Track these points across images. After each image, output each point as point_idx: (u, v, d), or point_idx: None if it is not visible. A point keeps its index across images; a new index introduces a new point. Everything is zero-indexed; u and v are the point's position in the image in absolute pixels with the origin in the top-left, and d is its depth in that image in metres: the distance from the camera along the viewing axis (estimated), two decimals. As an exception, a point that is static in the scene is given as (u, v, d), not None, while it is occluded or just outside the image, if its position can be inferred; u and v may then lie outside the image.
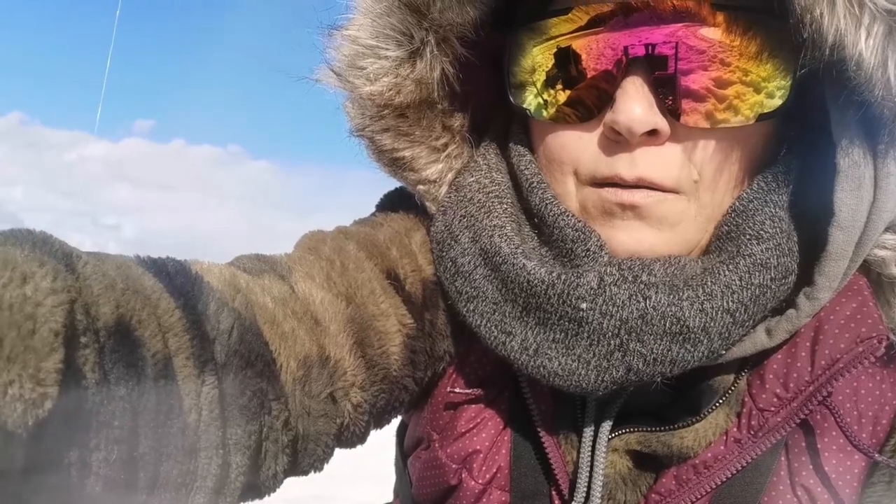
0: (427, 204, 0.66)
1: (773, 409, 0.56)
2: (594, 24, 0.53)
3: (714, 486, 0.57)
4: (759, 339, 0.56)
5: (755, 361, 0.58)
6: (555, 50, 0.56)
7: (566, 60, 0.55)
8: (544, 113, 0.58)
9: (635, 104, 0.52)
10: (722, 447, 0.58)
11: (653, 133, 0.53)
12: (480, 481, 0.64)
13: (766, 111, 0.53)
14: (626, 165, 0.54)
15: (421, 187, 0.65)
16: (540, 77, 0.57)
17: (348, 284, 0.59)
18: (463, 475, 0.65)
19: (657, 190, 0.55)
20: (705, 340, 0.53)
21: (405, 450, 0.74)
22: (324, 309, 0.56)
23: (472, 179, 0.63)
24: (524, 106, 0.60)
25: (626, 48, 0.52)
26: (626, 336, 0.53)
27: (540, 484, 0.63)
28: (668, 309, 0.52)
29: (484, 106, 0.67)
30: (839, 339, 0.55)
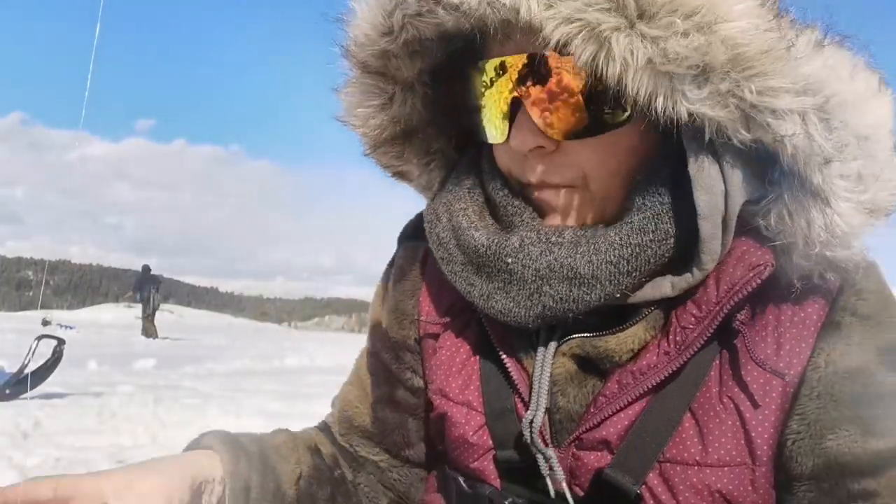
0: (426, 198, 0.89)
1: (691, 326, 0.71)
2: (496, 75, 0.73)
3: (648, 389, 0.72)
4: (665, 289, 0.72)
5: (676, 299, 0.73)
6: (477, 94, 0.76)
7: (484, 102, 0.76)
8: (485, 134, 0.78)
9: (522, 131, 0.72)
10: (654, 357, 0.72)
11: (541, 148, 0.72)
12: (458, 404, 0.84)
13: (616, 124, 0.70)
14: (529, 173, 0.75)
15: (417, 189, 0.90)
16: (478, 112, 0.77)
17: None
18: (445, 403, 0.85)
19: (557, 187, 0.74)
20: (597, 285, 0.70)
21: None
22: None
23: (453, 176, 0.85)
24: (476, 127, 0.78)
25: (513, 96, 0.72)
26: (541, 282, 0.72)
27: (507, 401, 0.80)
28: (566, 260, 0.71)
29: (467, 127, 0.85)
30: (736, 269, 0.69)
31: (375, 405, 0.94)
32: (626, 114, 0.69)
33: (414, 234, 0.94)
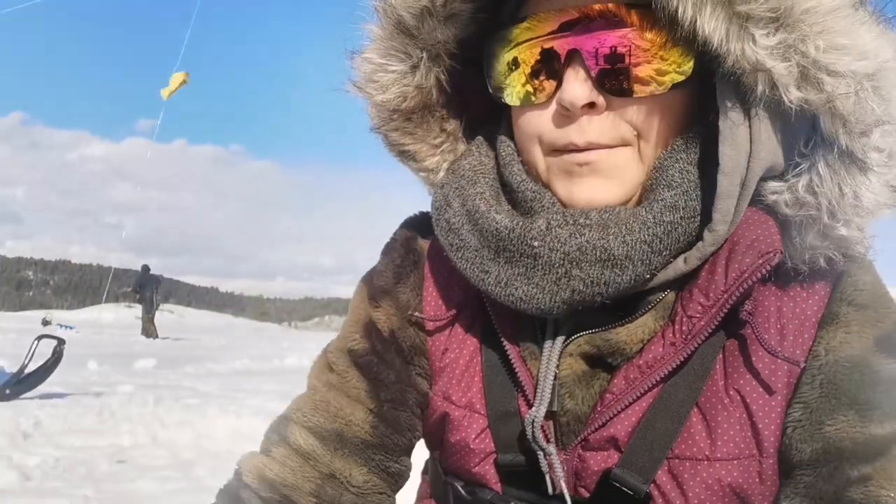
0: (426, 187, 0.86)
1: (698, 315, 0.70)
2: (554, 29, 0.70)
3: (655, 382, 0.71)
4: (678, 266, 0.71)
5: (681, 283, 0.73)
6: (521, 51, 0.73)
7: (530, 58, 0.72)
8: (515, 98, 0.75)
9: (574, 85, 0.69)
10: (661, 349, 0.72)
11: (592, 106, 0.69)
12: (461, 407, 0.82)
13: (676, 82, 0.68)
14: (576, 134, 0.70)
15: (422, 174, 0.85)
16: (511, 71, 0.74)
17: (334, 414, 0.87)
18: (447, 406, 0.83)
19: (603, 148, 0.71)
20: (629, 266, 0.68)
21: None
22: (311, 448, 0.85)
23: (465, 162, 0.81)
24: (501, 95, 0.76)
25: (567, 49, 0.69)
26: (570, 265, 0.69)
27: (510, 403, 0.78)
28: (598, 242, 0.68)
29: (479, 110, 0.85)
30: (745, 256, 0.69)
31: (382, 409, 0.86)
32: (689, 72, 0.68)
33: (412, 233, 0.92)
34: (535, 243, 0.70)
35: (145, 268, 20.65)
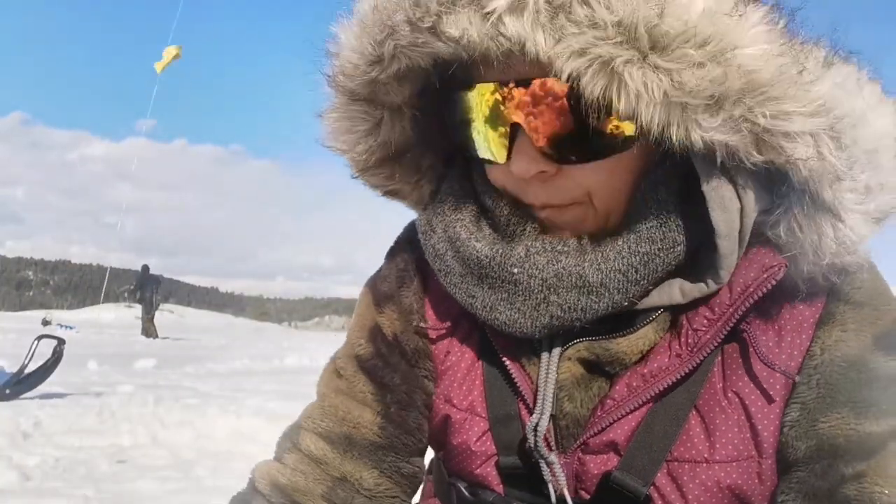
0: (418, 212, 0.88)
1: (704, 328, 0.71)
2: (494, 99, 0.70)
3: (658, 392, 0.72)
4: (674, 296, 0.72)
5: (687, 305, 0.73)
6: (472, 116, 0.72)
7: (479, 125, 0.72)
8: (479, 154, 0.74)
9: (522, 158, 0.69)
10: (666, 360, 0.73)
11: (544, 172, 0.70)
12: (462, 410, 0.83)
13: (620, 149, 0.67)
14: (531, 197, 0.73)
15: (410, 206, 0.89)
16: (468, 132, 0.74)
17: (341, 418, 0.89)
18: (448, 408, 0.84)
19: (559, 207, 0.72)
20: (605, 293, 0.69)
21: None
22: (322, 452, 0.87)
23: (446, 186, 0.83)
24: (464, 148, 0.76)
25: (511, 123, 0.69)
26: (547, 291, 0.70)
27: (511, 407, 0.80)
28: (573, 269, 0.70)
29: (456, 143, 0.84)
30: (749, 270, 0.70)
31: (389, 410, 0.88)
32: (633, 140, 0.67)
33: (415, 236, 0.91)
34: (515, 270, 0.72)
35: (145, 268, 20.64)
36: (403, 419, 0.88)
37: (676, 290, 0.71)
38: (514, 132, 0.69)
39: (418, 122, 0.81)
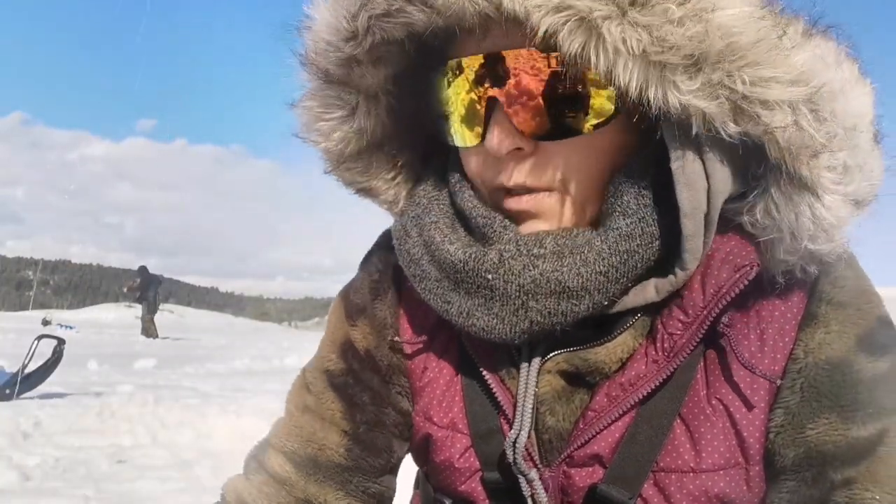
0: (392, 214, 0.85)
1: (679, 332, 0.69)
2: (473, 78, 0.69)
3: (638, 400, 0.71)
4: (649, 294, 0.70)
5: (660, 301, 0.71)
6: (448, 96, 0.72)
7: (455, 104, 0.71)
8: (453, 140, 0.74)
9: (497, 133, 0.68)
10: (643, 367, 0.71)
11: (519, 150, 0.68)
12: (443, 428, 0.81)
13: (599, 122, 0.67)
14: (504, 177, 0.70)
15: (384, 206, 0.85)
16: (444, 114, 0.73)
17: (307, 438, 0.87)
18: (428, 426, 0.82)
19: (534, 191, 0.70)
20: (586, 296, 0.67)
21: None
22: (286, 474, 0.86)
23: (420, 188, 0.81)
24: (445, 134, 0.75)
25: (487, 97, 0.68)
26: (525, 297, 0.68)
27: (493, 421, 0.78)
28: (552, 274, 0.67)
29: (431, 138, 0.81)
30: (721, 271, 0.68)
31: (358, 431, 0.86)
32: (611, 112, 0.66)
33: (389, 246, 0.89)
34: (489, 276, 0.69)
35: (144, 268, 20.62)
36: (372, 440, 0.86)
37: (651, 289, 0.70)
38: (491, 108, 0.68)
39: (394, 112, 0.78)
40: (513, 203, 0.71)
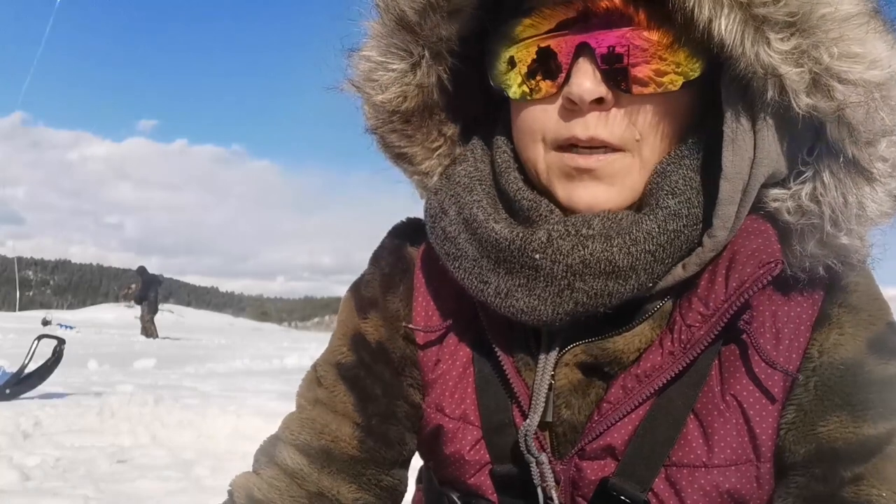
0: (418, 190, 0.84)
1: (697, 324, 0.69)
2: (555, 27, 0.69)
3: (653, 392, 0.71)
4: (677, 273, 0.70)
5: (680, 291, 0.72)
6: (526, 47, 0.71)
7: (534, 54, 0.70)
8: (519, 93, 0.73)
9: (584, 79, 0.67)
10: (659, 358, 0.71)
11: (600, 101, 0.67)
12: (454, 419, 0.81)
13: (686, 80, 0.67)
14: (580, 128, 0.69)
15: (416, 177, 0.83)
16: (513, 68, 0.72)
17: (319, 431, 0.86)
18: (440, 418, 0.82)
19: (608, 150, 0.69)
20: (633, 276, 0.67)
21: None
22: (299, 467, 0.84)
23: (460, 168, 0.79)
24: (503, 91, 0.74)
25: (576, 44, 0.67)
26: (572, 277, 0.67)
27: (505, 414, 0.77)
28: (602, 254, 0.67)
29: (476, 116, 0.83)
30: (746, 266, 0.68)
31: (371, 423, 0.85)
32: (699, 72, 0.67)
33: (401, 241, 0.90)
34: (537, 255, 0.68)
35: (143, 268, 20.62)
36: (384, 432, 0.85)
37: (678, 267, 0.70)
38: (579, 54, 0.68)
39: (453, 78, 0.78)
40: (581, 160, 0.70)
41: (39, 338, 6.59)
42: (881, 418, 0.69)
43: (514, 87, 0.73)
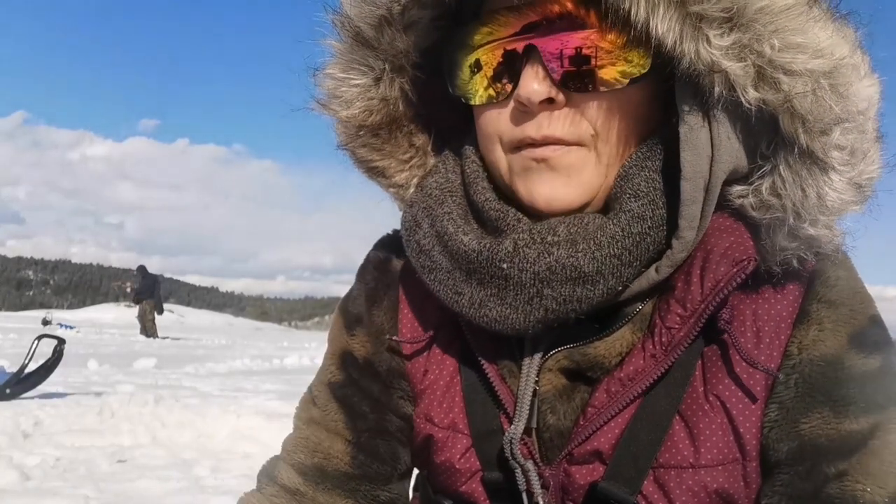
0: (396, 202, 0.84)
1: (676, 326, 0.70)
2: (511, 34, 0.70)
3: (637, 394, 0.71)
4: (650, 276, 0.71)
5: (658, 293, 0.73)
6: (481, 53, 0.73)
7: (488, 60, 0.72)
8: (476, 99, 0.74)
9: (531, 82, 0.68)
10: (641, 361, 0.71)
11: (550, 101, 0.69)
12: (443, 428, 0.81)
13: (633, 77, 0.68)
14: (533, 128, 0.70)
15: (392, 190, 0.84)
16: (472, 74, 0.74)
17: (313, 449, 0.88)
18: (429, 427, 0.83)
19: (562, 145, 0.70)
20: (601, 281, 0.68)
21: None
22: (295, 485, 0.87)
23: (432, 180, 0.80)
24: (463, 98, 0.76)
25: (524, 46, 0.69)
26: (540, 285, 0.68)
27: (493, 421, 0.78)
28: (567, 260, 0.67)
29: (448, 122, 0.84)
30: (720, 265, 0.69)
31: (360, 439, 0.87)
32: (645, 68, 0.67)
33: (385, 253, 0.91)
34: (504, 265, 0.69)
35: (143, 268, 20.60)
36: (375, 447, 0.87)
37: (652, 270, 0.71)
38: (527, 56, 0.69)
39: (417, 90, 0.79)
40: (538, 151, 0.71)
41: (39, 338, 6.59)
42: (863, 413, 0.68)
43: (473, 93, 0.74)
